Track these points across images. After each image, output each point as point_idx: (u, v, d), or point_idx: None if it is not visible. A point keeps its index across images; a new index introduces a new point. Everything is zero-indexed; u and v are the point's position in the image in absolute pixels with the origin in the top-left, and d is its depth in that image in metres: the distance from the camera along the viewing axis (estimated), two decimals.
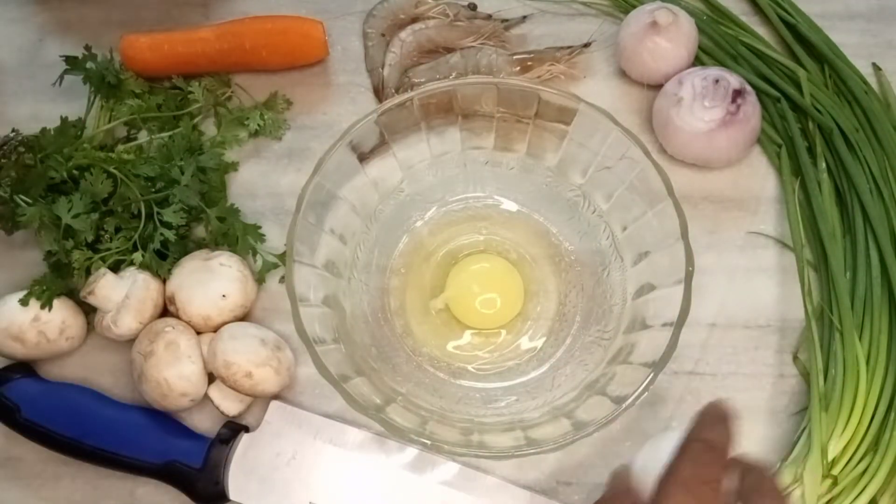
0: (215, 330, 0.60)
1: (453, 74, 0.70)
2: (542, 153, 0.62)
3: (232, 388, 0.57)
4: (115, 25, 0.72)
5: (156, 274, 0.60)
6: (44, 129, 0.63)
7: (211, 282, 0.59)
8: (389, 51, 0.71)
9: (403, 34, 0.71)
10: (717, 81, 0.64)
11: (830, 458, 0.54)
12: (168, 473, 0.57)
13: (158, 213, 0.61)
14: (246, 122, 0.68)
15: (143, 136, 0.67)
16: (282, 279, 0.63)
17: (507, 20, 0.73)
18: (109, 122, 0.67)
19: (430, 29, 0.72)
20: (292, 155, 0.69)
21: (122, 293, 0.59)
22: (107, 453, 0.57)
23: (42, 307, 0.59)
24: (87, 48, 0.67)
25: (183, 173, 0.62)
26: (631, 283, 0.59)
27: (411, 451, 0.58)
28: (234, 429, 0.58)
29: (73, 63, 0.67)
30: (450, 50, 0.71)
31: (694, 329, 0.61)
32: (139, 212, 0.61)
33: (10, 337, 0.59)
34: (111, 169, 0.61)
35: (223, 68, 0.70)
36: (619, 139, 0.57)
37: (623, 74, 0.70)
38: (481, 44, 0.71)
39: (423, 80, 0.69)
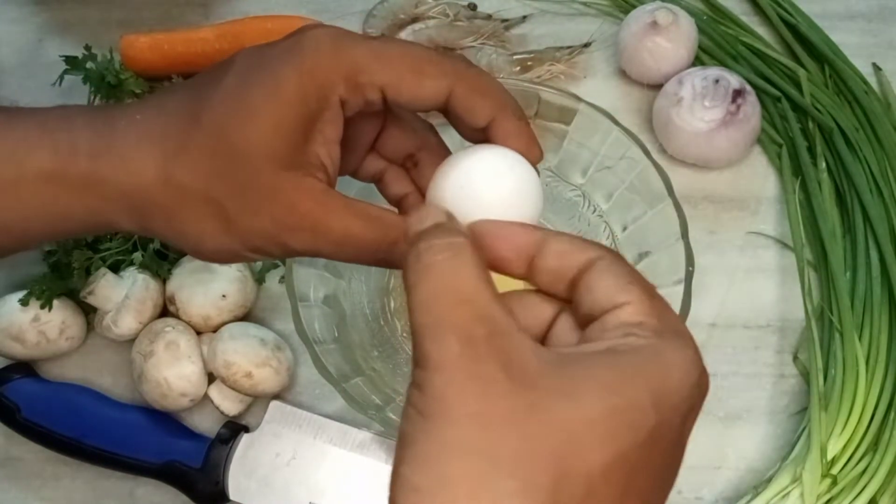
0: (215, 330, 0.60)
1: None
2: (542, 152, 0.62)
3: (232, 388, 0.57)
4: (115, 25, 0.72)
5: (156, 274, 0.60)
6: None
7: (211, 282, 0.59)
8: None
9: (403, 34, 0.71)
10: (717, 81, 0.64)
11: (830, 457, 0.54)
12: (168, 473, 0.57)
13: None
14: None
15: None
16: (282, 279, 0.63)
17: (507, 20, 0.73)
18: None
19: (430, 29, 0.72)
20: None
21: (122, 293, 0.59)
22: (107, 453, 0.57)
23: (42, 307, 0.59)
24: (87, 48, 0.67)
25: None
26: None
27: None
28: (233, 429, 0.58)
29: (73, 63, 0.67)
30: (450, 50, 0.71)
31: (694, 329, 0.60)
32: None
33: (10, 337, 0.59)
34: None
35: None
36: (619, 139, 0.57)
37: (623, 74, 0.70)
38: (481, 44, 0.71)
39: None
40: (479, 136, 0.39)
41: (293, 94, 0.37)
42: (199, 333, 0.60)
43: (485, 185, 0.36)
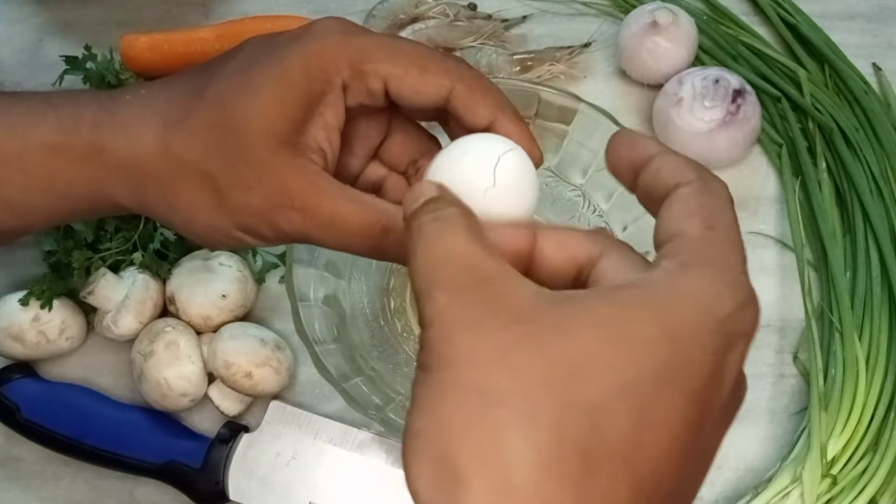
0: (215, 330, 0.60)
1: None
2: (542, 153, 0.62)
3: (232, 388, 0.57)
4: (115, 25, 0.72)
5: (156, 274, 0.60)
6: None
7: (211, 282, 0.59)
8: None
9: (403, 34, 0.71)
10: (717, 81, 0.64)
11: (830, 457, 0.54)
12: (168, 473, 0.57)
13: None
14: None
15: None
16: (282, 279, 0.63)
17: (507, 20, 0.73)
18: None
19: (429, 29, 0.72)
20: None
21: (122, 293, 0.59)
22: (107, 453, 0.57)
23: (42, 307, 0.59)
24: (87, 48, 0.67)
25: None
26: None
27: None
28: (233, 429, 0.58)
29: (73, 63, 0.67)
30: (450, 50, 0.71)
31: None
32: None
33: (10, 337, 0.59)
34: None
35: None
36: None
37: (623, 74, 0.70)
38: (481, 44, 0.71)
39: None
40: None
41: (297, 72, 0.38)
42: (199, 333, 0.60)
43: (481, 166, 0.37)
